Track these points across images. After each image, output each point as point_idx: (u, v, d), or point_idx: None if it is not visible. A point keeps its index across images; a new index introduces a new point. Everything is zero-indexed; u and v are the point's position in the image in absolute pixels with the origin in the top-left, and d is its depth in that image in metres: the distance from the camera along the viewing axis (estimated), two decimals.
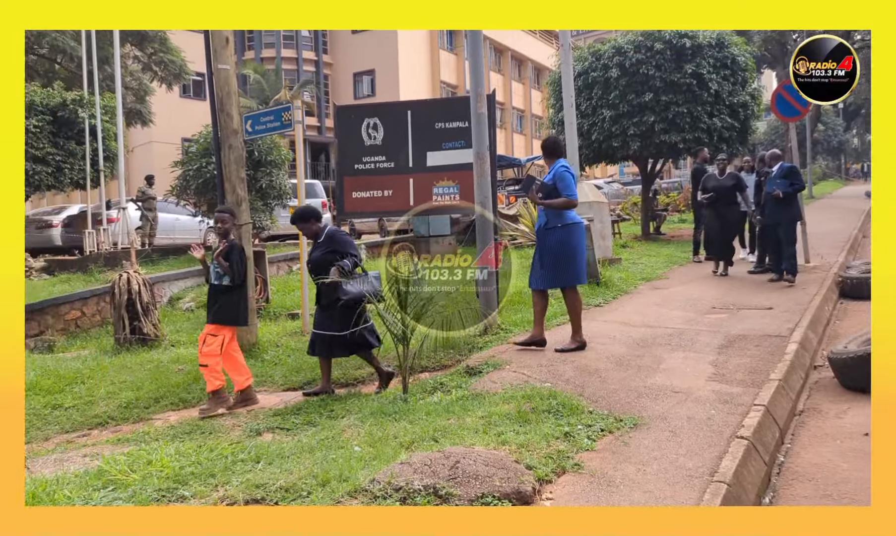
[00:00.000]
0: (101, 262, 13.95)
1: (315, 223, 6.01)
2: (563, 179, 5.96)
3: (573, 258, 5.98)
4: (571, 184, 5.96)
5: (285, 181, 14.34)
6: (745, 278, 9.87)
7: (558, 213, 5.99)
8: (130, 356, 7.94)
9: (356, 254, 5.83)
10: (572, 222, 6.00)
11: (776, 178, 9.26)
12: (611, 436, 4.11)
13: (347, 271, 5.71)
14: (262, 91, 33.02)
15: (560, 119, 14.94)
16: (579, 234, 6.05)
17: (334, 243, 5.89)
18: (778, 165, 9.41)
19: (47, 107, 15.75)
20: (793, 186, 9.28)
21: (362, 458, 3.74)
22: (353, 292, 5.69)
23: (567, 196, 5.93)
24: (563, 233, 5.99)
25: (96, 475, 3.72)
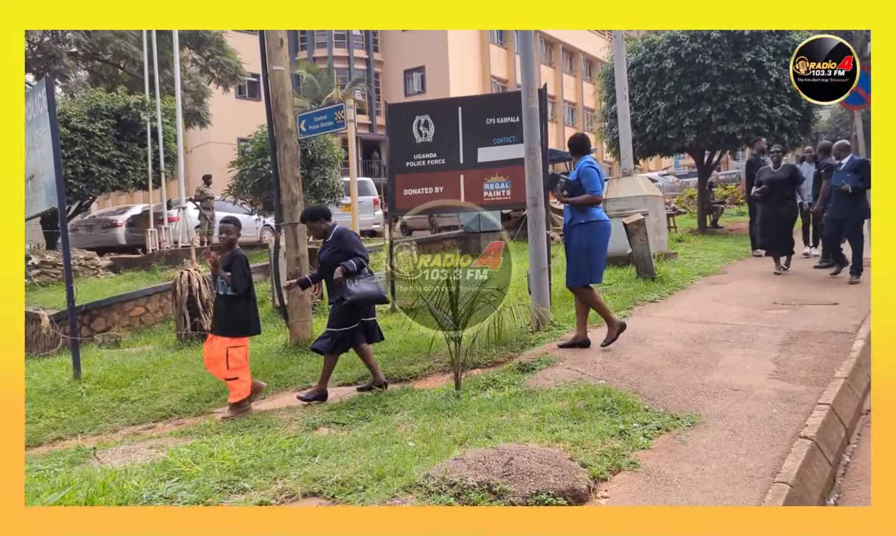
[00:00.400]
0: (163, 260, 14.42)
1: (324, 222, 6.01)
2: (587, 176, 5.89)
3: (592, 256, 5.90)
4: (595, 180, 5.88)
5: (338, 179, 14.54)
6: (807, 274, 9.55)
7: (582, 210, 5.92)
8: (191, 352, 8.19)
9: (362, 254, 5.82)
10: (596, 219, 5.92)
11: (846, 171, 8.65)
12: (667, 435, 4.04)
13: (352, 271, 5.70)
14: (314, 90, 33.54)
15: (613, 112, 14.73)
16: (601, 231, 5.95)
17: (342, 242, 5.89)
18: (848, 158, 8.77)
19: (112, 111, 16.35)
20: (863, 182, 8.64)
21: (416, 453, 3.77)
22: (356, 293, 5.69)
23: (591, 193, 5.85)
24: (584, 230, 5.91)
25: (162, 466, 3.86)
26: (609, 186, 11.22)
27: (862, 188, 8.67)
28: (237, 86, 27.74)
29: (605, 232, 5.97)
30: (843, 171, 8.70)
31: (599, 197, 5.91)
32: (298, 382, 6.57)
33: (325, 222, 6.03)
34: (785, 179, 9.46)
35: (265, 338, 8.65)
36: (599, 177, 5.94)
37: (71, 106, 16.47)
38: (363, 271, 5.78)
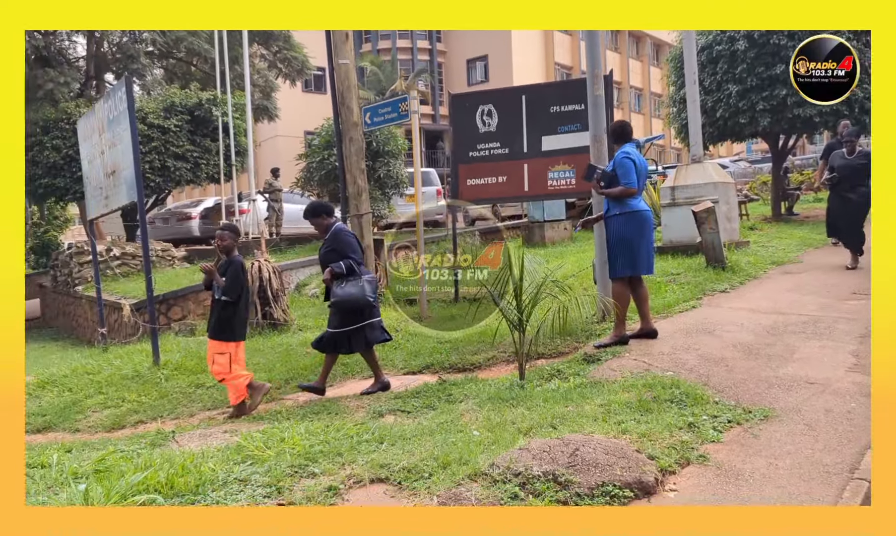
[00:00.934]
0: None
1: (326, 219, 5.99)
2: (621, 167, 5.79)
3: (630, 247, 5.78)
4: (630, 171, 5.75)
5: (402, 170, 14.68)
6: None
7: (619, 201, 5.83)
8: (263, 340, 8.45)
9: (354, 256, 5.78)
10: (632, 210, 5.79)
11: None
12: (739, 428, 3.95)
13: (340, 273, 5.70)
14: (378, 82, 33.87)
15: (681, 97, 14.32)
16: (638, 222, 5.80)
17: (336, 242, 5.87)
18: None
19: (185, 107, 16.94)
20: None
21: (481, 442, 3.80)
22: (339, 295, 5.68)
23: (625, 184, 5.74)
24: (620, 222, 5.82)
25: (236, 450, 4.02)
26: (677, 173, 10.93)
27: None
28: (304, 80, 28.24)
29: (642, 222, 5.83)
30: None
31: (633, 189, 5.78)
32: (364, 369, 6.68)
33: (326, 218, 6.01)
34: (859, 167, 8.68)
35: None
36: (636, 168, 5.80)
37: (147, 103, 17.16)
38: (353, 274, 5.74)
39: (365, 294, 5.70)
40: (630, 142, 6.04)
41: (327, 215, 6.04)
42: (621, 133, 6.05)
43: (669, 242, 10.35)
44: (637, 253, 5.81)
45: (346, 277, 5.72)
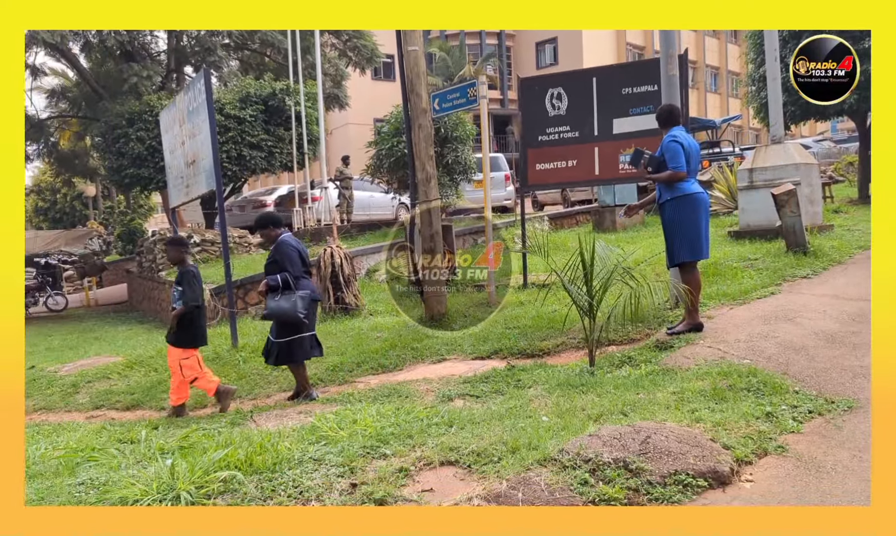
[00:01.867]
0: (308, 237, 15.26)
1: (273, 230, 5.97)
2: (669, 151, 5.64)
3: (681, 232, 5.63)
4: (678, 155, 5.59)
5: (470, 156, 14.66)
6: None
7: (669, 186, 5.69)
8: (335, 324, 8.66)
9: (291, 270, 5.73)
10: (683, 193, 5.64)
11: None
12: (820, 419, 3.80)
13: (274, 286, 5.67)
14: (447, 68, 33.86)
15: (761, 75, 13.74)
16: (690, 205, 5.64)
17: (277, 253, 5.84)
18: None
19: (260, 97, 17.42)
20: None
21: (550, 428, 3.79)
22: (272, 308, 5.67)
23: (673, 168, 5.59)
24: (671, 207, 5.70)
25: (310, 430, 4.15)
26: (756, 154, 10.51)
27: None
28: (373, 68, 28.54)
29: (695, 205, 5.66)
30: None
31: (682, 172, 5.59)
32: (433, 354, 6.77)
33: (273, 229, 6.00)
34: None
35: (402, 312, 8.98)
36: (685, 151, 5.62)
37: (224, 94, 17.73)
38: (288, 288, 5.71)
39: (296, 309, 5.69)
40: (678, 125, 5.87)
41: (274, 226, 6.05)
42: (668, 117, 5.89)
43: (747, 226, 9.99)
44: (695, 237, 5.67)
45: (282, 290, 5.73)
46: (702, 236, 5.71)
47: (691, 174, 5.73)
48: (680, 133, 5.78)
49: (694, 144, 5.88)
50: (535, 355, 6.40)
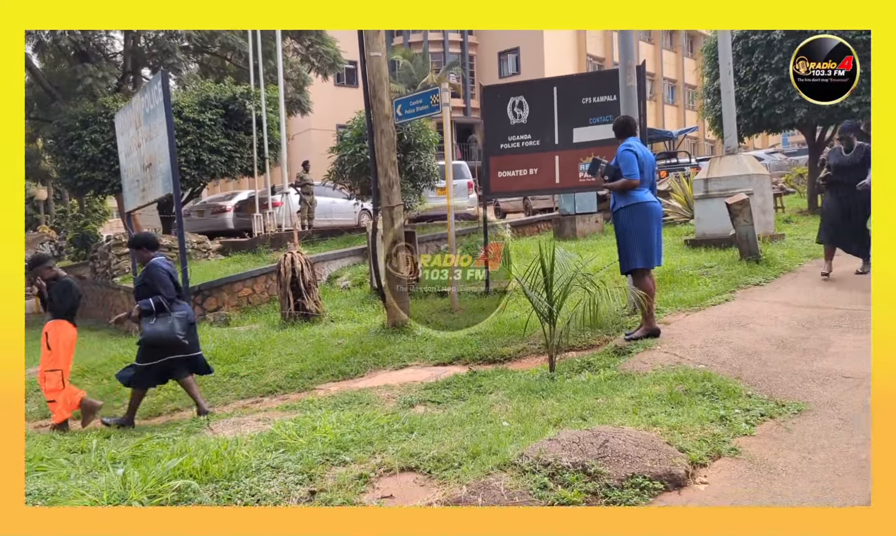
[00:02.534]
0: (268, 243, 15.09)
1: (146, 252, 5.91)
2: (622, 160, 5.79)
3: (634, 240, 5.77)
4: (632, 164, 5.73)
5: (433, 163, 14.70)
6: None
7: (622, 194, 5.83)
8: (295, 330, 8.57)
9: (164, 293, 5.69)
10: (635, 202, 5.78)
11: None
12: (772, 422, 3.90)
13: (147, 310, 5.63)
14: (410, 75, 33.91)
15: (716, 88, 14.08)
16: (643, 213, 5.78)
17: (148, 276, 5.78)
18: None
19: (220, 101, 17.20)
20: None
21: (510, 433, 3.81)
22: (149, 333, 5.63)
23: (626, 176, 5.73)
24: (625, 215, 5.82)
25: (269, 438, 4.09)
26: (711, 165, 10.78)
27: None
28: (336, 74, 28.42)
29: (647, 213, 5.80)
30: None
31: (635, 181, 5.73)
32: (395, 360, 6.75)
33: (146, 251, 5.92)
34: (854, 165, 7.75)
35: (364, 319, 8.94)
36: (639, 161, 5.75)
37: (183, 97, 17.45)
38: (163, 311, 5.67)
39: (174, 332, 5.64)
40: (634, 136, 6.01)
41: (148, 248, 5.96)
42: (624, 128, 6.03)
43: (702, 234, 10.22)
44: (648, 245, 5.78)
45: (157, 314, 5.67)
46: (654, 243, 5.82)
47: (646, 184, 5.85)
48: (635, 143, 5.90)
49: (649, 155, 6.00)
50: (496, 360, 6.44)
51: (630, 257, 5.83)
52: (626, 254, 5.87)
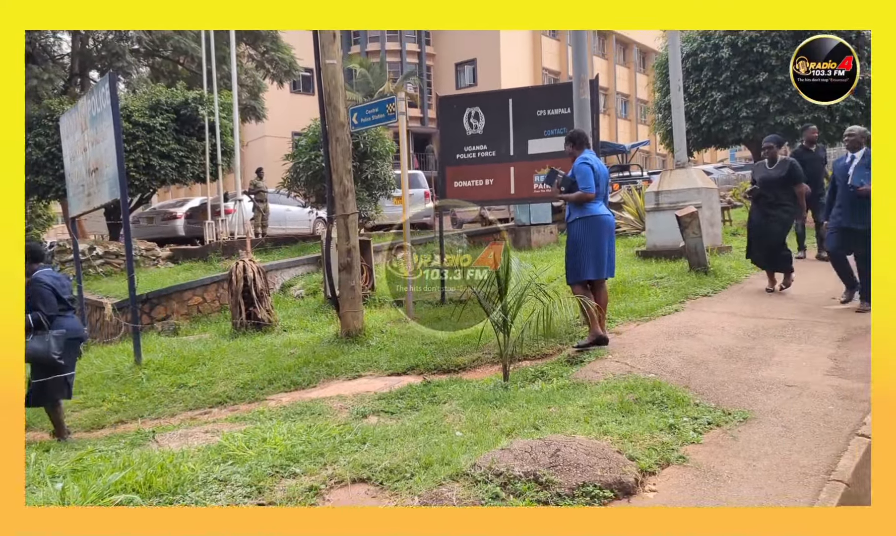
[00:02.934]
0: (220, 251, 14.82)
1: (29, 264, 5.72)
2: (579, 172, 5.85)
3: (585, 252, 5.83)
4: (588, 177, 5.80)
5: (389, 172, 14.67)
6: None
7: (577, 206, 5.89)
8: (246, 340, 8.42)
9: (43, 309, 5.57)
10: (590, 214, 5.84)
11: (862, 166, 6.70)
12: (718, 430, 3.98)
13: (28, 326, 5.44)
14: (367, 84, 33.82)
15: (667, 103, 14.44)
16: (596, 227, 5.85)
17: (29, 291, 5.61)
18: (863, 151, 6.80)
19: (171, 106, 16.85)
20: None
21: (463, 443, 3.81)
22: (26, 350, 5.41)
23: (582, 189, 5.79)
24: (579, 226, 5.87)
25: (217, 450, 4.00)
26: (662, 178, 11.02)
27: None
28: (292, 81, 28.20)
29: (601, 226, 5.87)
30: (859, 166, 6.74)
31: (591, 193, 5.80)
32: (349, 370, 6.68)
33: (30, 263, 5.74)
34: (779, 179, 7.73)
35: (318, 328, 8.83)
36: (595, 173, 5.83)
37: (133, 101, 17.04)
38: (41, 328, 5.52)
39: (49, 351, 5.49)
40: (588, 148, 6.08)
41: (32, 260, 5.77)
42: (578, 140, 6.09)
43: (653, 246, 10.42)
44: (600, 257, 5.85)
45: (35, 331, 5.50)
46: (605, 256, 5.88)
47: (599, 197, 5.92)
48: (591, 156, 5.98)
49: (603, 168, 6.08)
50: (451, 370, 6.42)
51: (582, 268, 5.88)
52: (578, 265, 5.91)
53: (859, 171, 6.69)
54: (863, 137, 6.92)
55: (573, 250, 5.92)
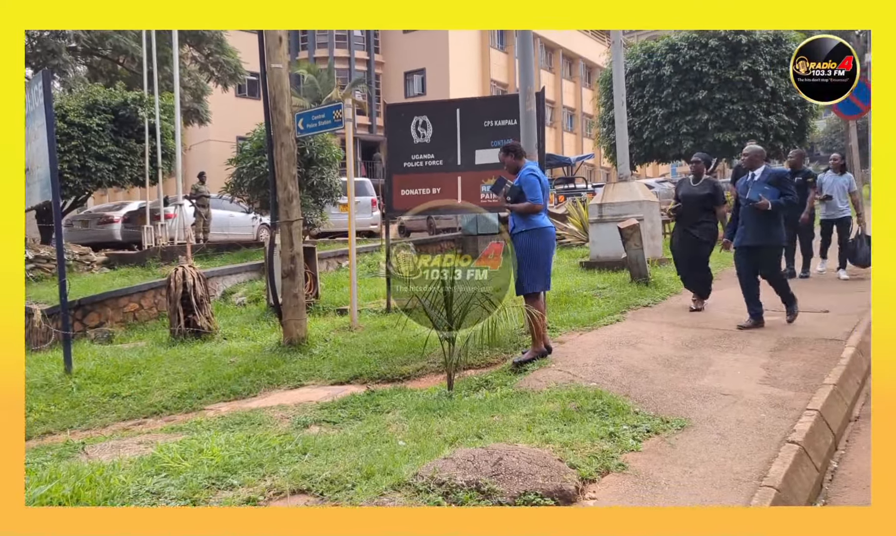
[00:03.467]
0: (159, 257, 14.41)
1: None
2: (528, 184, 5.82)
3: (534, 264, 5.81)
4: (536, 188, 5.79)
5: (336, 179, 14.55)
6: (800, 281, 9.56)
7: (523, 217, 5.86)
8: (185, 348, 8.18)
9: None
10: (536, 226, 5.83)
11: (761, 183, 6.74)
12: (657, 437, 4.06)
13: None
14: (314, 90, 33.53)
15: (610, 118, 14.77)
16: (544, 239, 5.86)
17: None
18: (761, 169, 6.86)
19: (109, 106, 16.33)
20: (784, 198, 6.68)
21: (406, 452, 3.78)
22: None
23: (531, 200, 5.77)
24: (526, 238, 5.84)
25: (150, 461, 3.86)
26: (605, 191, 11.25)
27: (785, 205, 6.77)
28: (237, 84, 27.73)
29: (547, 238, 5.88)
30: (758, 183, 6.78)
31: (540, 205, 5.81)
32: (291, 379, 6.57)
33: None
34: (702, 196, 7.67)
35: (260, 336, 8.66)
36: (541, 185, 5.84)
37: (69, 100, 16.45)
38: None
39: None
40: (527, 158, 6.10)
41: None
42: (519, 150, 6.09)
43: (596, 257, 10.61)
44: (547, 269, 5.88)
45: None
46: (548, 268, 5.92)
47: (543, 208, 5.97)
48: (536, 167, 6.03)
49: (546, 181, 6.14)
50: (395, 379, 6.38)
51: (532, 280, 5.85)
52: (528, 277, 5.88)
53: (757, 187, 6.71)
54: (759, 156, 6.93)
55: (525, 263, 5.87)
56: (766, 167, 6.96)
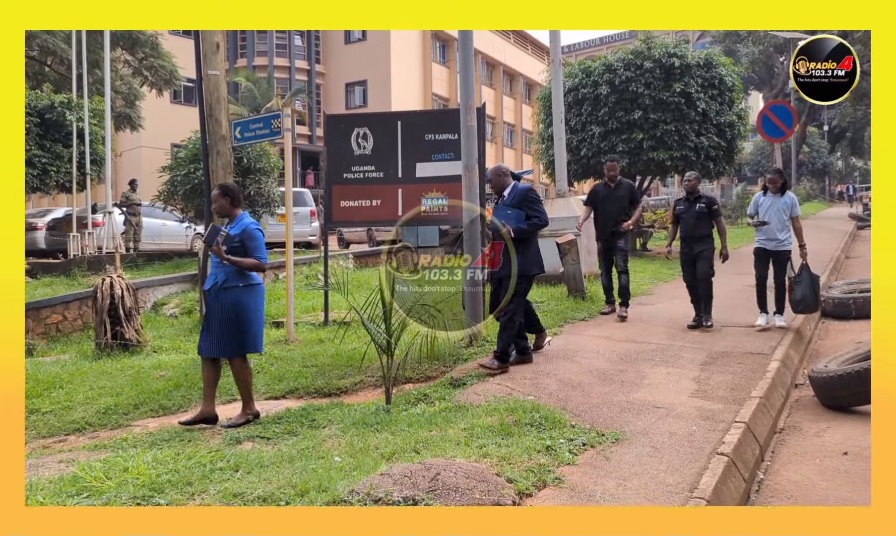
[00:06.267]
0: (86, 266, 13.84)
1: None
2: (253, 238, 5.28)
3: (252, 323, 5.36)
4: (262, 244, 5.32)
5: (274, 189, 14.31)
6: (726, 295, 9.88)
7: (241, 272, 5.29)
8: (111, 362, 7.86)
9: None
10: (256, 282, 5.40)
11: (506, 205, 6.15)
12: (592, 451, 4.11)
13: None
14: (253, 99, 32.95)
15: (549, 134, 15.03)
16: (262, 297, 5.46)
17: None
18: (510, 187, 6.27)
19: (35, 109, 15.68)
20: (529, 222, 6.05)
21: (342, 468, 3.71)
22: None
23: (258, 258, 5.28)
24: (242, 294, 5.29)
25: (71, 481, 3.67)
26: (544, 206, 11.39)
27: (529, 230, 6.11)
28: (172, 90, 27.03)
29: (263, 297, 5.48)
30: (502, 204, 6.22)
31: (265, 265, 5.40)
32: (223, 394, 6.37)
33: None
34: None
35: (192, 349, 8.38)
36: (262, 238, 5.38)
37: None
38: None
39: None
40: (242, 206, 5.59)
41: None
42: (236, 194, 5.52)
43: None
44: (260, 328, 5.48)
45: None
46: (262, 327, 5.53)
47: None
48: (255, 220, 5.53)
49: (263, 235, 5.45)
50: (332, 393, 6.28)
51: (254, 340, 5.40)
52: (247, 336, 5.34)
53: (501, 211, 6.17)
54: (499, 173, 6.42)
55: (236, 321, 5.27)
56: (515, 185, 6.33)
